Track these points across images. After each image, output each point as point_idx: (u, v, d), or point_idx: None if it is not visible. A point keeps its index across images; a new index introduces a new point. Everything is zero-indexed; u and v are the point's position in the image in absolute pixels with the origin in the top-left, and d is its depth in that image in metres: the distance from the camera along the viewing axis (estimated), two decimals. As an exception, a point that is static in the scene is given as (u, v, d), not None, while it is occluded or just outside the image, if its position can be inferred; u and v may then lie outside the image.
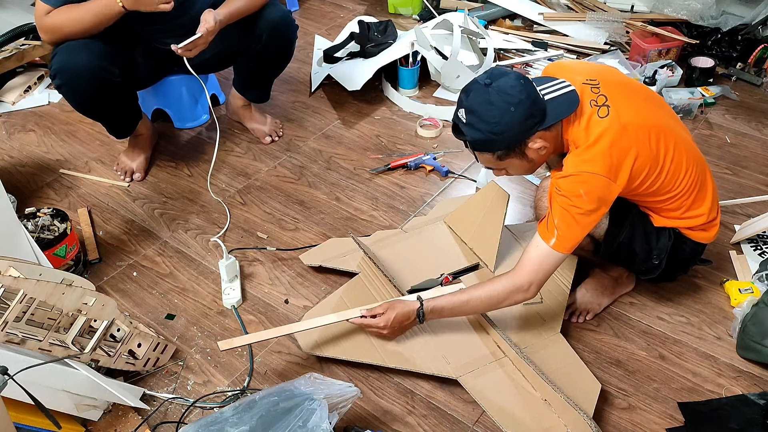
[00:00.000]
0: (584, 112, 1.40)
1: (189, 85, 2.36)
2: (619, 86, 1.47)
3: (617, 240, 1.51)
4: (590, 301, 1.69)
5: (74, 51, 1.82)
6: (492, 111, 1.34)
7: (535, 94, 1.36)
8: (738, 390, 1.53)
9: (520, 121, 1.34)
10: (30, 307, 1.30)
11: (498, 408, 1.44)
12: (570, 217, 1.37)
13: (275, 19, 2.04)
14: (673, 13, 2.77)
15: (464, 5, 3.01)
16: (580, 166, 1.37)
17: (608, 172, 1.36)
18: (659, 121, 1.45)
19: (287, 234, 1.99)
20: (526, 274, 1.42)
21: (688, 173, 1.47)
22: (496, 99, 1.33)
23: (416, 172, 2.22)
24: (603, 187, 1.36)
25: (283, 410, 1.23)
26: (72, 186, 2.21)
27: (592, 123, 1.38)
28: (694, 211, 1.52)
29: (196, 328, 1.71)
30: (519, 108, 1.33)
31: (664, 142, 1.42)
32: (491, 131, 1.35)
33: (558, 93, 1.39)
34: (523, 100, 1.33)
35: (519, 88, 1.33)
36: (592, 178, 1.36)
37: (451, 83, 2.56)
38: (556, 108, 1.38)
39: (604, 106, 1.39)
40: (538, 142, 1.39)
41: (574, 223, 1.37)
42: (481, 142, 1.39)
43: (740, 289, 1.71)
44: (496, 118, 1.34)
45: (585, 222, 1.38)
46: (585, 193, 1.36)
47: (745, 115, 2.44)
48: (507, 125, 1.34)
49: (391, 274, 1.70)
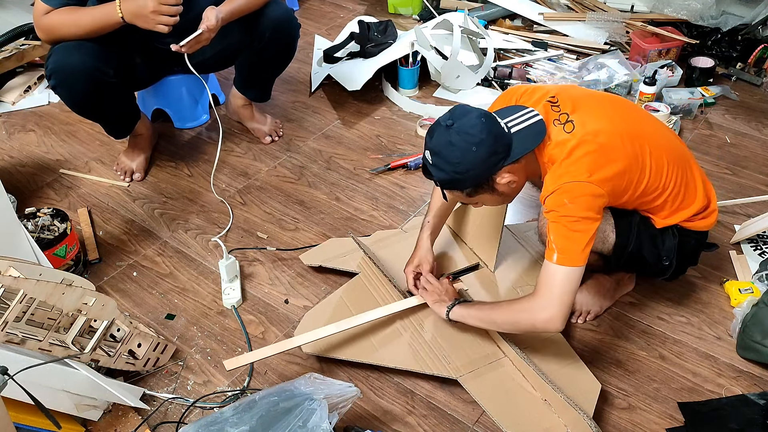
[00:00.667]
0: (551, 132, 1.41)
1: (189, 85, 2.36)
2: (580, 99, 1.47)
3: (626, 252, 1.49)
4: (591, 302, 1.69)
5: (69, 51, 1.83)
6: (454, 152, 1.35)
7: (498, 131, 1.36)
8: (738, 390, 1.53)
9: (483, 159, 1.35)
10: (30, 307, 1.30)
11: (498, 408, 1.44)
12: (563, 228, 1.36)
13: (278, 17, 2.04)
14: (673, 13, 2.77)
15: (464, 5, 3.01)
16: (557, 181, 1.37)
17: (588, 177, 1.35)
18: (629, 125, 1.45)
19: (287, 234, 1.99)
20: (542, 295, 1.38)
21: (672, 169, 1.47)
22: (457, 140, 1.34)
23: (416, 172, 2.22)
24: (586, 192, 1.36)
25: (283, 410, 1.23)
26: (72, 186, 2.21)
27: (561, 140, 1.39)
28: (688, 203, 1.52)
29: (196, 328, 1.71)
30: (481, 147, 1.34)
31: (639, 143, 1.42)
32: (455, 171, 1.36)
33: (525, 124, 1.39)
34: (484, 139, 1.33)
35: (480, 127, 1.34)
36: (573, 186, 1.35)
37: (451, 83, 2.56)
38: (523, 141, 1.38)
39: (568, 122, 1.40)
40: (506, 176, 1.39)
41: (569, 232, 1.36)
42: (447, 181, 1.41)
43: (740, 289, 1.71)
44: (458, 159, 1.35)
45: (580, 229, 1.36)
46: (569, 201, 1.35)
47: (745, 115, 2.44)
48: (470, 164, 1.35)
49: (391, 274, 1.70)
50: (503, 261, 1.78)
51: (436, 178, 1.42)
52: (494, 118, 1.38)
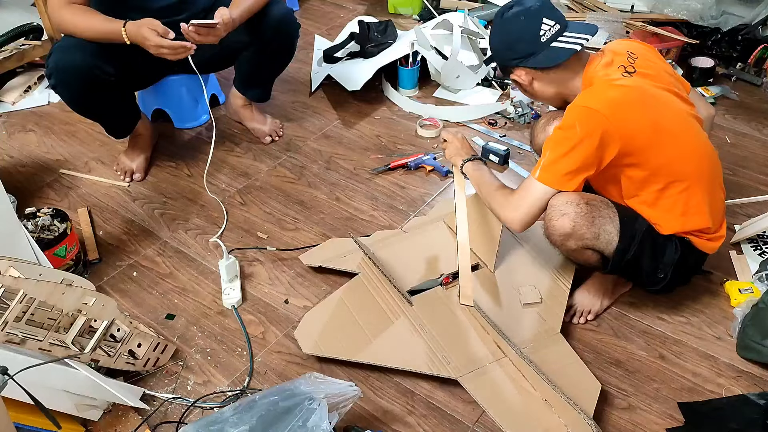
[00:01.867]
0: (612, 65, 1.51)
1: (189, 85, 2.36)
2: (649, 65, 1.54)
3: (625, 257, 1.50)
4: (591, 302, 1.69)
5: (69, 50, 1.83)
6: (493, 29, 1.62)
7: (524, 36, 1.53)
8: (738, 390, 1.53)
9: (501, 48, 1.59)
10: (30, 307, 1.30)
11: (498, 408, 1.44)
12: (559, 147, 1.45)
13: (278, 17, 2.04)
14: (673, 13, 2.77)
15: (464, 5, 3.01)
16: (584, 99, 1.46)
17: (609, 113, 1.41)
18: (677, 106, 1.53)
19: (287, 234, 1.99)
20: (517, 198, 1.52)
21: (696, 161, 1.52)
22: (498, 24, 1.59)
23: (416, 172, 2.22)
24: (599, 124, 1.41)
25: (283, 410, 1.23)
26: (72, 186, 2.21)
27: (614, 75, 1.49)
28: (697, 212, 1.52)
29: (196, 328, 1.71)
30: (503, 38, 1.58)
31: (679, 125, 1.50)
32: (490, 45, 1.65)
33: (566, 45, 1.52)
34: (508, 34, 1.55)
35: (511, 23, 1.54)
36: (591, 114, 1.42)
37: (451, 83, 2.56)
38: (548, 56, 1.52)
39: (631, 74, 1.50)
40: (516, 73, 1.59)
41: (562, 155, 1.44)
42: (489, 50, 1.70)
43: (740, 289, 1.71)
44: (492, 36, 1.63)
45: (573, 156, 1.43)
46: (580, 126, 1.42)
47: (745, 115, 2.44)
48: (494, 46, 1.63)
49: (390, 274, 1.70)
50: (503, 261, 1.78)
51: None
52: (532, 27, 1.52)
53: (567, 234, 1.46)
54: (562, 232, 1.47)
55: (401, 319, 1.62)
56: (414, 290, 1.70)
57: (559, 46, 1.52)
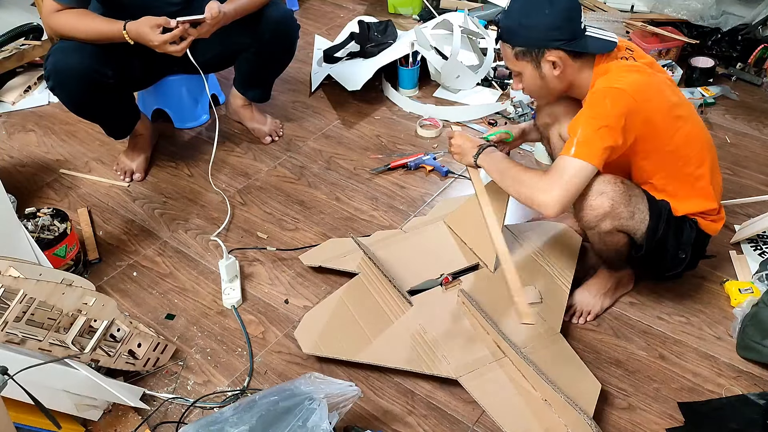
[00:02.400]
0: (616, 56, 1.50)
1: (189, 85, 2.36)
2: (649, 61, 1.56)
3: (656, 237, 1.50)
4: (592, 302, 1.69)
5: (67, 52, 1.83)
6: (530, 4, 1.46)
7: (573, 16, 1.45)
8: (738, 390, 1.53)
9: (546, 25, 1.44)
10: (30, 307, 1.30)
11: (498, 408, 1.44)
12: (591, 122, 1.41)
13: (277, 18, 2.04)
14: (673, 13, 2.77)
15: (464, 5, 3.01)
16: (608, 82, 1.44)
17: (635, 94, 1.41)
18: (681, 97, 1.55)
19: (287, 234, 1.99)
20: (550, 178, 1.43)
21: (700, 144, 1.54)
22: (542, 2, 1.44)
23: (416, 172, 2.22)
24: (627, 104, 1.41)
25: (283, 410, 1.23)
26: (72, 186, 2.21)
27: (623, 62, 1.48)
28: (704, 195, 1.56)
29: (196, 328, 1.71)
30: (551, 14, 1.43)
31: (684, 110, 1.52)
32: (519, 22, 1.46)
33: (601, 35, 1.49)
34: (559, 12, 1.43)
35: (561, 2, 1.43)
36: (620, 93, 1.41)
37: (451, 83, 2.56)
38: (591, 43, 1.47)
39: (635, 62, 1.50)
40: (553, 57, 1.46)
41: (596, 130, 1.40)
42: (508, 29, 1.49)
43: (740, 289, 1.71)
44: (528, 11, 1.45)
45: (607, 133, 1.40)
46: (611, 103, 1.41)
47: (745, 115, 2.44)
48: (534, 22, 1.44)
49: (390, 274, 1.70)
50: (503, 261, 1.78)
51: (501, 23, 1.51)
52: (579, 8, 1.47)
53: (605, 213, 1.45)
54: (601, 212, 1.45)
55: (401, 319, 1.62)
56: (414, 290, 1.70)
57: (595, 35, 1.48)
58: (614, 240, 1.52)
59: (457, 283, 1.72)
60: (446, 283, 1.71)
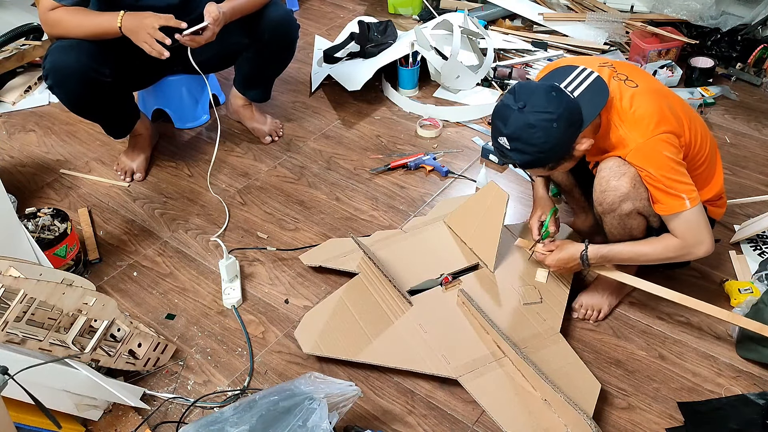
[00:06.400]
0: (612, 87, 1.45)
1: (189, 85, 2.36)
2: (632, 69, 1.54)
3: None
4: (600, 301, 1.69)
5: (65, 51, 1.83)
6: (536, 133, 1.35)
7: (567, 100, 1.38)
8: (738, 390, 1.53)
9: (563, 132, 1.37)
10: (30, 307, 1.30)
11: (498, 408, 1.44)
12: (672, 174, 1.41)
13: (277, 18, 2.04)
14: (672, 14, 2.77)
15: (464, 5, 3.01)
16: (646, 133, 1.41)
17: (672, 130, 1.42)
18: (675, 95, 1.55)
19: (287, 234, 1.99)
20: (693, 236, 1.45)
21: (707, 138, 1.55)
22: (536, 120, 1.35)
23: (416, 172, 2.22)
24: (671, 141, 1.42)
25: (283, 410, 1.23)
26: (72, 186, 2.21)
27: (626, 95, 1.44)
28: (712, 181, 1.58)
29: (196, 328, 1.71)
30: (560, 122, 1.35)
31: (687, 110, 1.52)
32: (539, 151, 1.38)
33: (585, 84, 1.42)
34: (562, 114, 1.35)
35: (554, 102, 1.35)
36: (663, 138, 1.40)
37: (451, 83, 2.56)
38: (590, 102, 1.40)
39: (629, 80, 1.46)
40: (585, 142, 1.42)
41: (678, 177, 1.42)
42: (531, 162, 1.42)
43: (740, 289, 1.71)
44: (542, 139, 1.36)
45: (679, 171, 1.42)
46: (666, 150, 1.40)
47: (744, 115, 2.44)
48: (554, 141, 1.37)
49: (390, 274, 1.70)
50: (503, 261, 1.78)
51: (519, 162, 1.43)
52: (560, 89, 1.40)
53: (625, 194, 1.45)
54: (622, 192, 1.45)
55: (401, 319, 1.63)
56: (414, 290, 1.70)
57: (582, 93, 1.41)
58: (633, 224, 1.52)
59: (457, 283, 1.72)
60: (446, 283, 1.71)
